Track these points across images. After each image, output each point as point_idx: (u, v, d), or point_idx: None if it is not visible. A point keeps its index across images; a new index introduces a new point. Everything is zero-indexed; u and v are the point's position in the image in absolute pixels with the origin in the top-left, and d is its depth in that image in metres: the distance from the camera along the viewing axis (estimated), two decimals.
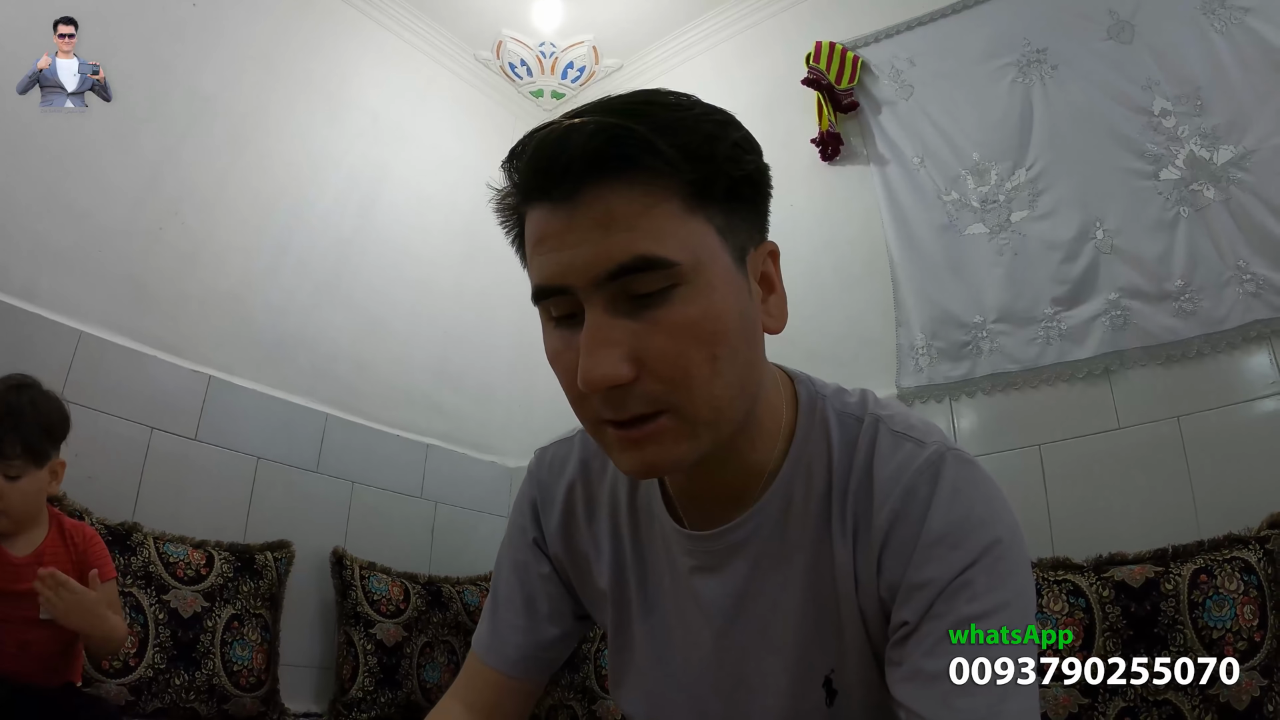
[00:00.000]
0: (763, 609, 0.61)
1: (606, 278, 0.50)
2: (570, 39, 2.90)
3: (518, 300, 2.94)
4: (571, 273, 0.51)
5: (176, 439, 2.03)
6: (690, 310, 0.51)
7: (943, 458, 0.57)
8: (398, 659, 2.15)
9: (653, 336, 0.50)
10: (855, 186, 2.23)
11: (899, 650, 0.54)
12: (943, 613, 0.52)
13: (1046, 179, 1.99)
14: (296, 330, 2.37)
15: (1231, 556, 1.43)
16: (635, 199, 0.50)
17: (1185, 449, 1.67)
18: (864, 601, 0.58)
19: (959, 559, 0.53)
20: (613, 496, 0.70)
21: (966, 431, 1.97)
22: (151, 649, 1.73)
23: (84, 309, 1.92)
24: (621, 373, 0.50)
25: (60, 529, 1.40)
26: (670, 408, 0.51)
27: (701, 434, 0.53)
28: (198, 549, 1.91)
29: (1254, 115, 1.75)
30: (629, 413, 0.51)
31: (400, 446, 2.54)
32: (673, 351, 0.50)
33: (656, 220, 0.50)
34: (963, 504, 0.55)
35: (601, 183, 0.50)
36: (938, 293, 2.07)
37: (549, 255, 0.52)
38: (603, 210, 0.50)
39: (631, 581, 0.68)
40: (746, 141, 0.55)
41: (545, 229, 0.52)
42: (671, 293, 0.50)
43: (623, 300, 0.51)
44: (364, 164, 2.64)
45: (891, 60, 2.29)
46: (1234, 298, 1.70)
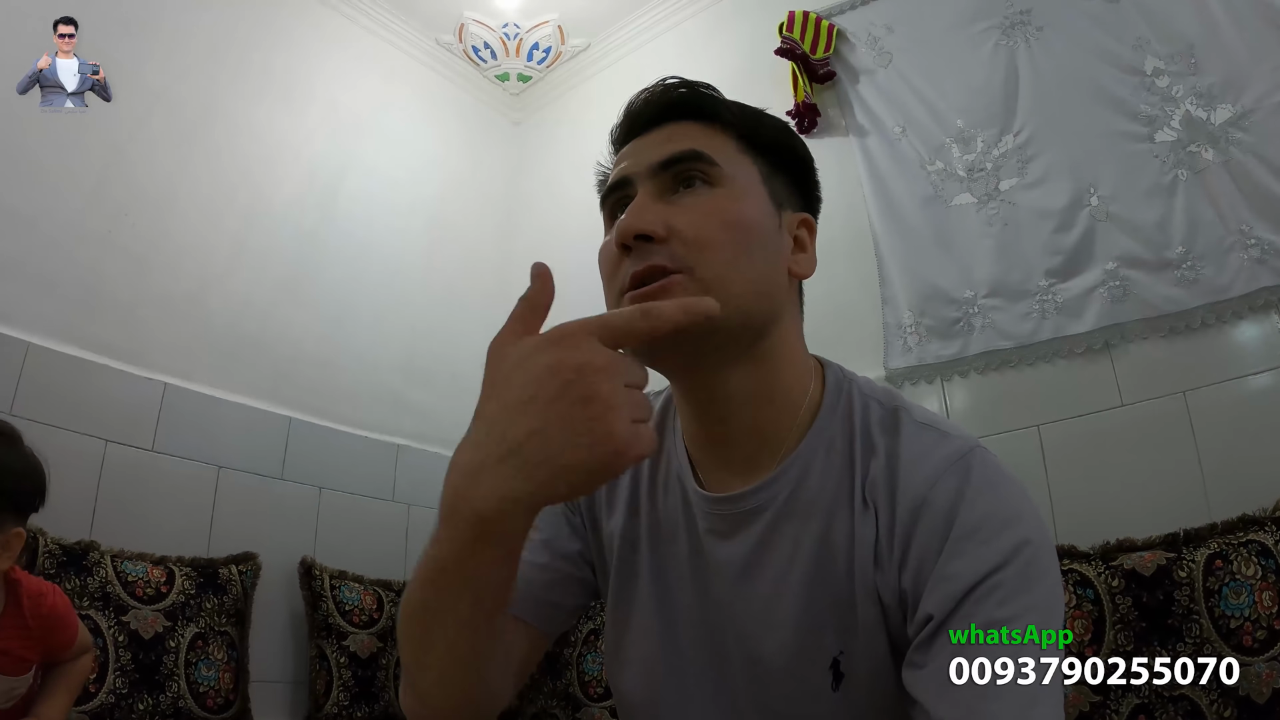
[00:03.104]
0: (767, 581, 0.62)
1: (660, 166, 0.61)
2: (534, 19, 2.81)
3: (487, 290, 2.89)
4: (633, 166, 0.63)
5: (133, 451, 1.96)
6: (722, 203, 0.60)
7: (973, 452, 0.58)
8: (373, 671, 2.10)
9: (688, 212, 0.59)
10: (834, 159, 2.14)
11: (923, 652, 0.53)
12: (971, 613, 0.51)
13: (1036, 145, 1.91)
14: (256, 331, 2.30)
15: (1247, 539, 1.36)
16: (702, 129, 0.63)
17: (1193, 425, 1.60)
18: (882, 585, 0.58)
19: (989, 556, 0.52)
20: None
21: (960, 413, 1.89)
22: (112, 673, 1.68)
23: (31, 319, 1.86)
24: (654, 226, 0.58)
25: (19, 603, 1.21)
26: (686, 269, 0.57)
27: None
28: (158, 565, 1.85)
29: (1251, 73, 1.68)
30: (649, 262, 0.57)
31: (369, 448, 2.47)
32: (700, 223, 0.59)
33: (713, 142, 0.62)
34: (993, 500, 0.55)
35: (675, 121, 0.64)
36: (925, 268, 1.99)
37: (623, 163, 0.64)
38: (672, 131, 0.63)
39: (644, 541, 0.70)
40: (789, 129, 0.69)
41: (626, 152, 0.65)
42: (710, 188, 0.60)
43: (671, 190, 0.61)
44: (324, 156, 2.57)
45: (868, 27, 2.21)
46: (1238, 264, 1.62)
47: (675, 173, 0.61)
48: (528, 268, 0.52)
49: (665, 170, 0.61)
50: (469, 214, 2.97)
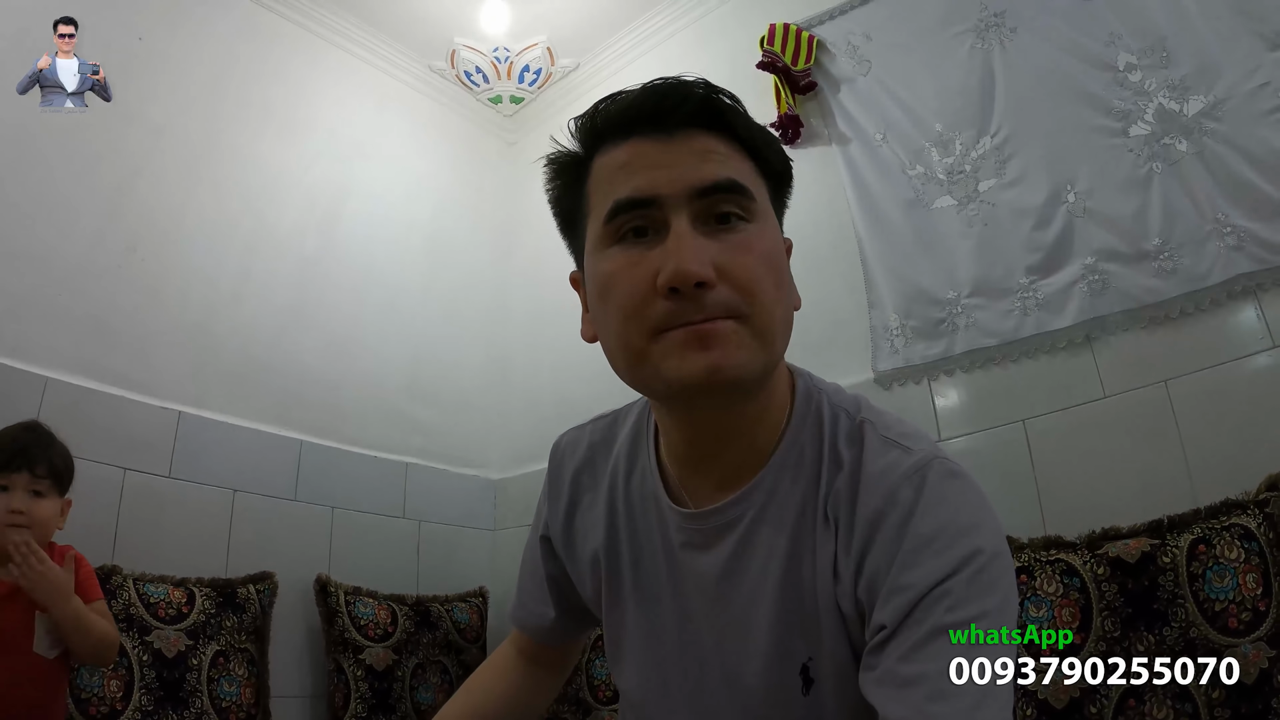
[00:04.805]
0: (744, 589, 0.63)
1: (699, 192, 0.57)
2: (524, 42, 2.85)
3: (486, 308, 2.93)
4: (666, 184, 0.57)
5: (150, 477, 2.01)
6: (762, 241, 0.58)
7: (929, 464, 0.58)
8: (389, 683, 2.13)
9: (734, 252, 0.56)
10: (818, 168, 2.17)
11: (876, 655, 0.53)
12: (921, 619, 0.52)
13: (1013, 145, 1.93)
14: (264, 357, 2.34)
15: (1230, 524, 1.37)
16: (724, 148, 0.59)
17: (1175, 414, 1.61)
18: (841, 597, 0.59)
19: (941, 566, 0.53)
20: (612, 479, 0.73)
21: (947, 411, 1.91)
22: (138, 691, 1.72)
23: (48, 354, 1.91)
24: (708, 273, 0.54)
25: (55, 558, 1.41)
26: (739, 315, 0.55)
27: (758, 349, 0.56)
28: (178, 587, 1.90)
29: (1222, 62, 1.69)
30: (704, 314, 0.55)
31: (378, 467, 2.51)
32: (750, 265, 0.56)
33: (740, 166, 0.59)
34: (947, 512, 0.55)
35: (700, 129, 0.58)
36: (909, 270, 2.01)
37: (643, 172, 0.58)
38: (702, 145, 0.58)
39: (625, 557, 0.71)
40: (784, 149, 0.66)
41: (639, 152, 0.59)
42: (747, 224, 0.58)
43: (706, 219, 0.57)
44: (323, 184, 2.61)
45: (847, 36, 2.24)
46: (1215, 252, 1.63)
47: (712, 201, 0.57)
48: (525, 286, 0.56)
49: (703, 198, 0.57)
50: (466, 235, 3.00)
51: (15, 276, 1.91)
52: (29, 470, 1.39)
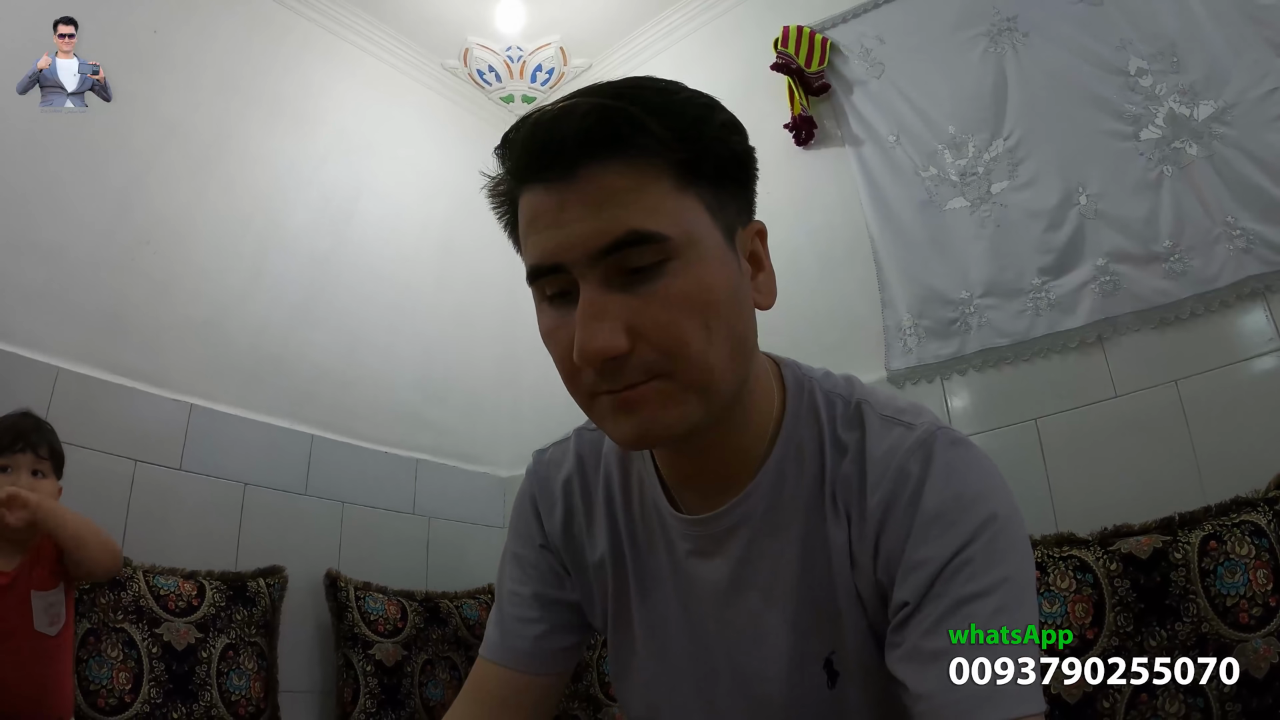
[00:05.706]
0: (758, 591, 0.62)
1: (600, 253, 0.51)
2: (537, 41, 2.87)
3: (497, 307, 2.93)
4: (566, 250, 0.52)
5: (161, 470, 2.00)
6: (683, 282, 0.52)
7: (933, 437, 0.57)
8: (399, 679, 2.13)
9: (647, 308, 0.51)
10: (832, 170, 2.20)
11: (900, 632, 0.54)
12: (942, 592, 0.52)
13: (1025, 147, 1.96)
14: (276, 352, 2.34)
15: (1240, 520, 1.39)
16: (627, 177, 0.51)
17: (1185, 413, 1.64)
18: (860, 583, 0.58)
19: (956, 537, 0.53)
20: (607, 489, 0.71)
21: (960, 410, 1.93)
22: (147, 684, 1.72)
23: (60, 345, 1.91)
24: (618, 344, 0.51)
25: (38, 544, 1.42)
26: (663, 373, 0.52)
27: (692, 401, 0.53)
28: (188, 580, 1.90)
29: (1231, 68, 1.72)
30: (624, 382, 0.52)
31: (389, 463, 2.51)
32: (666, 321, 0.51)
33: (648, 197, 0.51)
34: (956, 482, 0.55)
35: (594, 162, 0.51)
36: (922, 271, 2.03)
37: (543, 234, 0.53)
38: (596, 189, 0.51)
39: (629, 570, 0.69)
40: (733, 123, 0.57)
41: (539, 209, 0.53)
42: (664, 266, 0.51)
43: (616, 275, 0.52)
44: (336, 181, 2.62)
45: (860, 39, 2.27)
46: (1225, 255, 1.66)
47: (618, 259, 0.51)
48: None
49: (608, 257, 0.51)
50: (477, 233, 2.96)
51: (28, 269, 1.91)
52: (33, 451, 1.42)
